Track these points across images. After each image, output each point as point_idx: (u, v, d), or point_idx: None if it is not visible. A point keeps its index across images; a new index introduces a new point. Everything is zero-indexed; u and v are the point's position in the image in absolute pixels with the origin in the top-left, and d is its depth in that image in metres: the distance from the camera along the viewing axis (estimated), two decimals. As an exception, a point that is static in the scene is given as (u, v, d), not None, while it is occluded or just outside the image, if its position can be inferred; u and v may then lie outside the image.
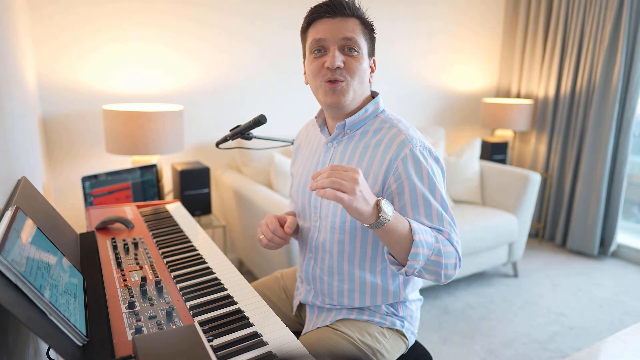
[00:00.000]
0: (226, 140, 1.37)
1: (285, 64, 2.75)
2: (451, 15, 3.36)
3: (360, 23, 1.06)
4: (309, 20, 1.08)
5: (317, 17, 1.06)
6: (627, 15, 2.89)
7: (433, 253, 0.97)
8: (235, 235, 2.60)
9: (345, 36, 1.03)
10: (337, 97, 1.06)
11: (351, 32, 1.04)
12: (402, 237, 0.94)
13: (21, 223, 0.78)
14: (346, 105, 1.08)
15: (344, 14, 1.04)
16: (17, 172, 1.20)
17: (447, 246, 1.00)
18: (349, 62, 1.04)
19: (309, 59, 1.09)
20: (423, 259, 0.96)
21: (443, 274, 1.00)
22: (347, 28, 1.04)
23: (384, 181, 1.05)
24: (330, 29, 1.04)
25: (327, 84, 1.05)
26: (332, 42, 1.04)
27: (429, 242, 0.96)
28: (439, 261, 0.98)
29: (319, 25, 1.06)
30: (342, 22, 1.04)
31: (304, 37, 1.11)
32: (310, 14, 1.07)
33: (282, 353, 0.77)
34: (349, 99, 1.07)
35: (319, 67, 1.06)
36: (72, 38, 2.17)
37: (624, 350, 1.08)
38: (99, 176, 1.93)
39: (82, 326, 0.75)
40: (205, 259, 1.14)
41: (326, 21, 1.05)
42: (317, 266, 1.18)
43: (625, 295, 2.71)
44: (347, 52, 1.05)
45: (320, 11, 1.05)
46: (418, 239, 0.94)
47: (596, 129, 3.13)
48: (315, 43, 1.06)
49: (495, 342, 2.19)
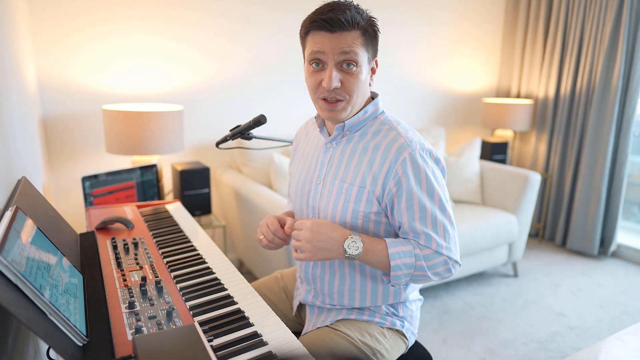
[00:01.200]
0: (226, 140, 1.37)
1: (286, 64, 2.75)
2: (451, 15, 3.36)
3: (361, 34, 1.01)
4: (306, 30, 1.04)
5: (315, 28, 1.01)
6: (627, 15, 2.89)
7: (415, 270, 1.03)
8: (235, 235, 2.60)
9: (344, 50, 0.99)
10: (334, 114, 1.07)
11: (350, 46, 1.00)
12: (380, 263, 1.04)
13: (21, 223, 0.78)
14: (343, 119, 1.10)
15: (343, 28, 0.99)
16: (17, 172, 1.20)
17: (432, 259, 1.04)
18: (346, 80, 1.02)
19: (308, 69, 1.07)
20: (405, 276, 1.04)
21: (435, 279, 1.07)
22: (346, 42, 0.99)
23: (384, 185, 1.05)
24: (329, 43, 1.00)
25: (324, 102, 1.05)
26: (330, 58, 1.01)
27: (408, 263, 1.03)
28: (424, 274, 1.04)
29: (317, 37, 1.01)
30: (341, 37, 0.99)
31: (303, 43, 1.08)
32: (309, 24, 1.02)
33: (282, 353, 0.77)
34: (346, 114, 1.08)
35: (316, 83, 1.05)
36: (72, 38, 2.16)
37: (624, 350, 1.08)
38: (99, 176, 1.93)
39: (82, 326, 0.75)
40: (205, 259, 1.14)
41: (324, 34, 1.00)
42: (318, 266, 1.18)
43: (625, 295, 2.71)
44: (346, 68, 1.02)
45: (318, 25, 1.00)
46: (395, 264, 1.02)
47: (596, 129, 3.13)
48: (313, 55, 1.03)
49: (495, 342, 2.19)
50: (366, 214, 1.07)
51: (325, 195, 1.13)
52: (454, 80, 3.52)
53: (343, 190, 1.09)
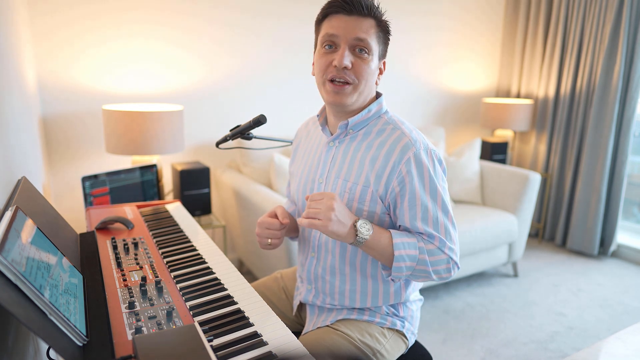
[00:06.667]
0: (226, 140, 1.37)
1: (286, 64, 2.75)
2: (451, 15, 3.36)
3: (376, 24, 1.04)
4: (324, 12, 1.05)
5: (333, 12, 1.03)
6: (627, 15, 2.89)
7: (418, 264, 1.03)
8: (235, 235, 2.60)
9: (358, 36, 1.01)
10: (340, 97, 1.05)
11: (364, 33, 1.01)
12: (384, 252, 1.03)
13: (21, 223, 0.78)
14: (349, 105, 1.08)
15: (360, 13, 1.01)
16: (17, 172, 1.20)
17: (435, 255, 1.04)
18: (357, 63, 1.03)
19: (319, 52, 1.07)
20: (407, 269, 1.04)
21: (434, 277, 1.06)
22: (361, 28, 1.01)
23: (387, 184, 1.05)
24: (345, 27, 1.01)
25: (331, 84, 1.05)
26: (344, 40, 1.02)
27: (412, 255, 1.02)
28: (426, 269, 1.04)
29: (334, 20, 1.03)
30: (358, 21, 1.01)
31: (318, 29, 1.09)
32: (328, 6, 1.04)
33: (282, 353, 0.77)
34: (353, 100, 1.06)
35: (326, 64, 1.04)
36: (72, 38, 2.16)
37: (624, 350, 1.08)
38: (99, 176, 1.93)
39: (82, 326, 0.75)
40: (205, 259, 1.14)
41: (342, 17, 1.02)
42: (320, 265, 1.18)
43: (625, 295, 2.71)
44: (358, 53, 1.03)
45: (337, 6, 1.02)
46: (399, 254, 1.01)
47: (596, 129, 3.13)
48: (327, 37, 1.04)
49: (495, 342, 2.19)
50: (370, 213, 1.07)
51: None
52: (454, 80, 3.52)
53: (347, 189, 1.09)
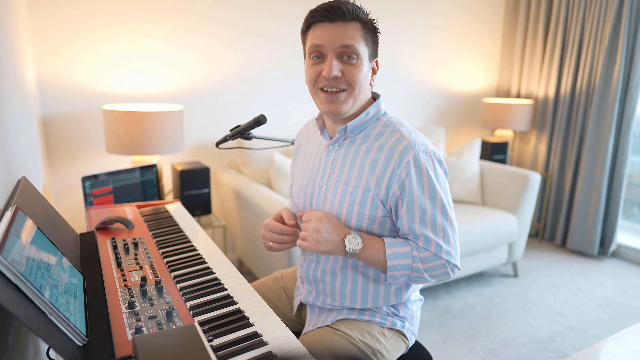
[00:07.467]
0: (226, 140, 1.37)
1: (286, 64, 2.75)
2: (451, 15, 3.36)
3: (361, 27, 1.02)
4: (308, 23, 1.05)
5: (316, 21, 1.02)
6: (627, 15, 2.89)
7: (412, 272, 1.05)
8: (235, 235, 2.60)
9: (344, 43, 1.00)
10: (335, 106, 1.05)
11: (350, 39, 1.00)
12: (377, 262, 1.06)
13: (21, 223, 0.78)
14: (345, 113, 1.08)
15: (343, 19, 1.00)
16: (17, 172, 1.20)
17: (430, 262, 1.05)
18: (347, 70, 1.02)
19: (308, 62, 1.07)
20: (402, 277, 1.06)
21: (433, 281, 1.09)
22: (346, 34, 1.00)
23: (388, 188, 1.05)
24: (329, 35, 1.00)
25: (324, 93, 1.05)
26: (330, 50, 1.01)
27: (405, 264, 1.04)
28: (421, 275, 1.06)
29: (318, 29, 1.02)
30: (342, 28, 1.00)
31: (304, 39, 1.09)
32: (310, 16, 1.03)
33: (282, 353, 0.77)
34: (348, 107, 1.06)
35: (316, 74, 1.04)
36: (72, 38, 2.16)
37: (624, 350, 1.08)
38: (99, 176, 1.93)
39: (82, 326, 0.75)
40: (205, 259, 1.14)
41: (325, 26, 1.01)
42: (319, 268, 1.18)
43: (625, 295, 2.71)
44: (346, 59, 1.02)
45: (319, 15, 1.01)
46: (392, 265, 1.04)
47: (596, 129, 3.13)
48: (313, 48, 1.03)
49: (495, 342, 2.19)
50: (372, 217, 1.07)
51: (328, 198, 1.12)
52: (454, 80, 3.52)
53: (347, 193, 1.09)
